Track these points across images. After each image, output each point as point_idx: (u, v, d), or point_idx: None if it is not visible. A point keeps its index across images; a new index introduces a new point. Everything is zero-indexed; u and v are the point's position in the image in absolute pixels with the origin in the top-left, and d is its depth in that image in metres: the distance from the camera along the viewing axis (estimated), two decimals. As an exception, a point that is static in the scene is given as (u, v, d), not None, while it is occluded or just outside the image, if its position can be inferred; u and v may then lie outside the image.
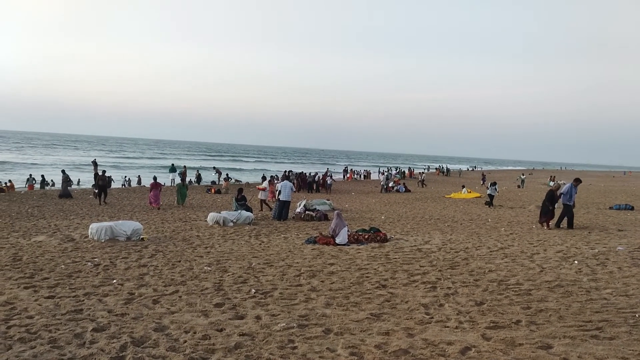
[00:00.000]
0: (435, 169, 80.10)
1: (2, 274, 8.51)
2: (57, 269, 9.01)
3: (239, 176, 50.59)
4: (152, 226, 15.24)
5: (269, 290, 7.73)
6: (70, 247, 11.22)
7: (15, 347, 5.23)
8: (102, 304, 6.88)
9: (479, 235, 13.93)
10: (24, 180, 33.83)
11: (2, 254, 10.23)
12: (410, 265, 9.69)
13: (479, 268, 9.37)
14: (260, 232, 14.50)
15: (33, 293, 7.36)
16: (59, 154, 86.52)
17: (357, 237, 12.78)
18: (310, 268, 9.41)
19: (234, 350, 5.23)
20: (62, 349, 5.18)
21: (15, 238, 12.45)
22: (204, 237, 13.34)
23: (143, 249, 11.25)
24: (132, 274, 8.72)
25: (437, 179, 58.44)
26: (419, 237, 13.43)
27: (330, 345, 5.38)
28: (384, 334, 5.72)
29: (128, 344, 5.34)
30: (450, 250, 11.41)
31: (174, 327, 5.95)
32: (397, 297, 7.37)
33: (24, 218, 16.63)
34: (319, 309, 6.76)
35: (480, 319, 6.29)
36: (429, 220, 18.26)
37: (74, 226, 14.86)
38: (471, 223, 17.32)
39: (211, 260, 10.07)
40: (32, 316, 6.27)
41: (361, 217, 19.20)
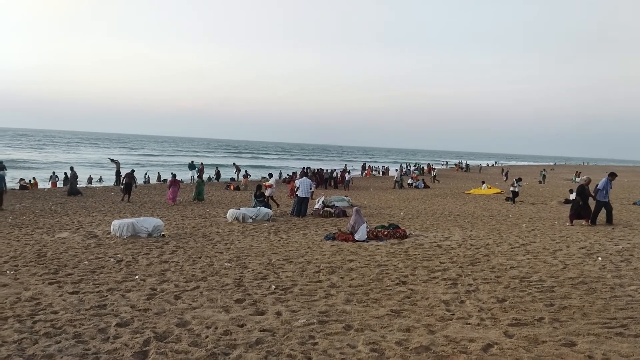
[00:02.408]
0: (455, 165, 79.40)
1: (27, 270, 8.69)
2: (80, 265, 9.17)
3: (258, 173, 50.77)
4: (173, 223, 15.40)
5: (289, 287, 7.76)
6: (93, 244, 11.40)
7: (41, 341, 5.33)
8: (125, 299, 6.98)
9: (500, 232, 13.78)
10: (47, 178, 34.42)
11: (27, 251, 10.44)
12: (430, 261, 9.64)
13: (500, 265, 9.28)
14: (279, 228, 14.55)
15: (57, 289, 7.49)
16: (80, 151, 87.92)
17: (376, 233, 12.75)
18: (330, 264, 9.42)
19: (255, 345, 5.26)
20: (86, 344, 5.27)
21: (39, 234, 12.69)
22: (223, 233, 13.44)
23: (164, 245, 11.38)
24: (154, 270, 8.83)
25: (456, 175, 57.93)
26: (438, 234, 13.34)
27: (350, 341, 5.38)
28: (405, 331, 5.70)
29: (151, 339, 5.41)
30: (471, 246, 11.31)
31: (196, 322, 6.01)
32: (417, 293, 7.34)
33: (47, 215, 16.93)
34: (339, 305, 6.76)
35: (502, 316, 6.23)
36: (449, 216, 18.12)
37: (97, 223, 15.09)
38: (492, 219, 17.15)
39: (231, 257, 10.14)
40: (57, 311, 6.39)
41: (380, 213, 19.14)
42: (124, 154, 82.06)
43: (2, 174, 19.20)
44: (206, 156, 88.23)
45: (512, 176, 41.14)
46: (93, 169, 50.45)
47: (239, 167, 43.01)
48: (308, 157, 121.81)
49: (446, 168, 78.50)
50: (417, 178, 40.37)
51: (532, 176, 52.03)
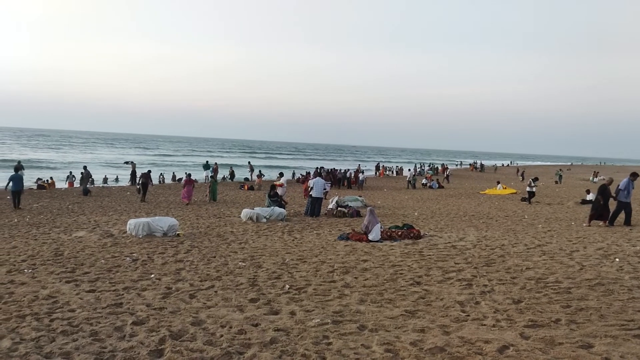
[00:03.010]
0: (469, 165, 78.84)
1: (44, 268, 8.81)
2: (97, 263, 9.28)
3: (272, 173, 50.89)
4: (187, 222, 15.50)
5: (303, 286, 7.77)
6: (109, 243, 11.52)
7: (58, 339, 5.40)
8: (141, 298, 7.05)
9: (516, 232, 13.66)
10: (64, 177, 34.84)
11: (45, 249, 10.58)
12: (445, 262, 9.58)
13: (516, 265, 9.19)
14: (293, 228, 14.57)
15: (74, 287, 7.59)
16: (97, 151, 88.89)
17: (390, 233, 12.71)
18: (344, 264, 9.41)
19: (269, 345, 5.27)
20: (103, 342, 5.33)
21: (56, 233, 12.86)
22: (237, 233, 13.50)
23: (179, 244, 11.46)
24: (169, 269, 8.90)
25: (470, 175, 57.54)
26: (453, 234, 13.27)
27: (365, 341, 5.37)
28: (419, 331, 5.67)
29: (166, 337, 5.45)
30: (486, 247, 11.23)
31: (211, 321, 6.05)
32: (432, 294, 7.30)
33: (64, 214, 17.15)
34: (353, 305, 6.75)
35: (518, 317, 6.17)
36: (463, 216, 18.01)
37: (113, 222, 15.25)
38: (507, 219, 17.01)
39: (245, 256, 10.19)
40: (74, 309, 6.46)
41: (394, 213, 19.09)
42: (139, 154, 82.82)
43: (20, 174, 19.48)
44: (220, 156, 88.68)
45: (528, 176, 40.74)
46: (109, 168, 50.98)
47: (252, 166, 43.16)
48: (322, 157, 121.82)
49: (460, 168, 77.99)
50: (431, 178, 40.16)
51: (548, 176, 51.50)
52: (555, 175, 47.07)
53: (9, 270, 8.62)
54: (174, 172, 42.62)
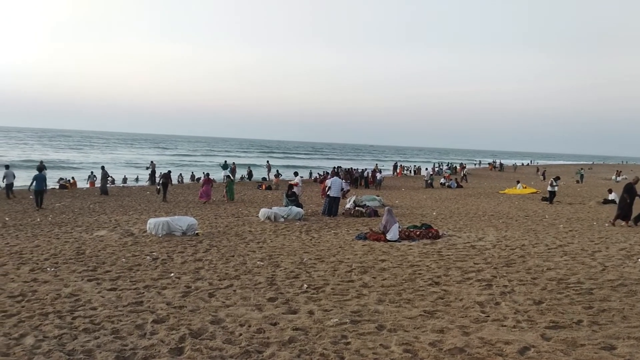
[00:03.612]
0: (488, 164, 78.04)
1: (67, 267, 8.95)
2: (118, 262, 9.40)
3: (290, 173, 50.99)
4: (206, 221, 15.62)
5: (321, 286, 7.77)
6: (130, 242, 11.67)
7: (80, 337, 5.49)
8: (161, 296, 7.12)
9: (536, 232, 13.49)
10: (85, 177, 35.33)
11: (67, 248, 10.75)
12: (464, 262, 9.51)
13: (536, 266, 9.08)
14: (311, 227, 14.59)
15: (96, 285, 7.70)
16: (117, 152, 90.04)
17: (408, 233, 12.65)
18: (362, 264, 9.40)
19: (288, 344, 5.29)
20: (124, 340, 5.40)
21: (78, 233, 13.05)
22: (256, 232, 13.56)
23: (198, 243, 11.55)
24: (189, 268, 8.98)
25: (489, 174, 56.97)
26: (472, 234, 13.15)
27: (383, 341, 5.36)
28: (439, 332, 5.64)
29: (186, 335, 5.50)
30: (506, 247, 11.11)
31: (230, 320, 6.09)
32: (451, 294, 7.25)
33: (86, 213, 17.41)
34: (371, 305, 6.74)
35: (539, 318, 6.10)
36: (483, 216, 17.84)
37: (133, 221, 15.43)
38: (527, 219, 16.81)
39: (263, 255, 10.23)
40: (96, 308, 6.56)
41: (412, 213, 18.99)
42: (158, 154, 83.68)
43: (43, 174, 19.83)
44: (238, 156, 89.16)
45: (549, 175, 40.20)
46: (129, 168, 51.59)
47: (270, 166, 43.29)
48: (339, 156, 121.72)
49: (479, 167, 77.26)
50: (450, 177, 39.85)
51: (569, 175, 50.76)
52: (577, 175, 46.37)
53: (32, 268, 8.78)
54: (192, 172, 42.95)
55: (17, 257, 9.66)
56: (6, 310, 6.36)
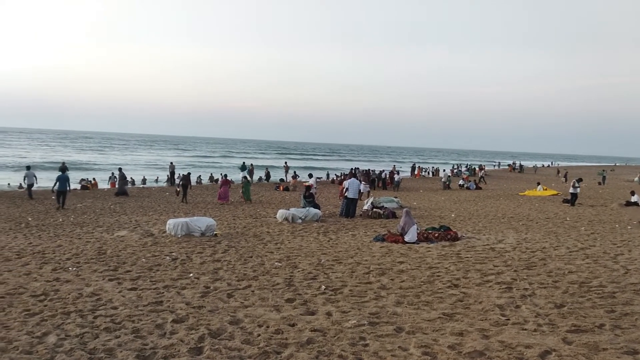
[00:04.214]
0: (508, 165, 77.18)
1: (88, 266, 9.09)
2: (138, 262, 9.51)
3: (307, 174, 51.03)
4: (225, 222, 15.71)
5: (339, 287, 7.77)
6: (149, 242, 11.80)
7: (101, 336, 5.56)
8: (180, 296, 7.19)
9: (557, 235, 13.31)
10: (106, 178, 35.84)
11: (88, 248, 10.91)
12: (483, 264, 9.42)
13: (557, 269, 8.96)
14: (328, 229, 14.58)
15: (117, 285, 7.80)
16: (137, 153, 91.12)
17: (426, 235, 12.57)
18: (380, 266, 9.36)
19: (306, 345, 5.29)
20: (144, 339, 5.46)
21: (99, 233, 13.24)
22: (273, 233, 13.60)
23: (217, 244, 11.63)
24: (207, 268, 9.05)
25: (509, 176, 56.34)
26: (491, 236, 13.02)
27: (402, 344, 5.33)
28: (458, 335, 5.59)
29: (205, 335, 5.55)
30: (526, 249, 10.98)
31: (248, 320, 6.11)
32: (470, 297, 7.19)
33: (107, 214, 17.65)
34: (390, 307, 6.71)
35: (561, 322, 6.02)
36: (502, 218, 17.65)
37: (153, 222, 15.60)
38: (548, 222, 16.58)
39: (281, 256, 10.26)
40: (117, 307, 6.65)
41: (430, 215, 18.87)
42: (177, 156, 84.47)
43: (65, 174, 20.16)
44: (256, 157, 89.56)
45: (571, 177, 39.60)
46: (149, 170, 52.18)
47: (288, 167, 43.40)
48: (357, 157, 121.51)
49: (498, 169, 76.46)
50: (468, 179, 39.50)
51: (590, 177, 49.94)
52: (599, 176, 45.61)
53: (54, 268, 8.93)
54: (211, 173, 43.28)
55: (39, 257, 9.84)
56: (29, 309, 6.48)
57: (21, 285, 7.69)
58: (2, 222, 15.03)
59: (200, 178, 38.41)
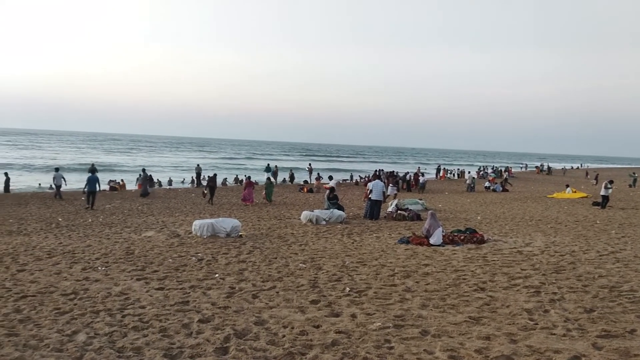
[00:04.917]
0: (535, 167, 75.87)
1: (117, 266, 9.25)
2: (165, 262, 9.65)
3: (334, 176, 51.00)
4: (249, 223, 15.82)
5: (363, 289, 7.74)
6: (176, 242, 11.95)
7: (129, 334, 5.66)
8: (206, 296, 7.27)
9: (587, 238, 13.02)
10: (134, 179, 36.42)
11: (117, 248, 11.11)
12: (511, 268, 9.27)
13: (587, 273, 8.77)
14: (352, 231, 14.55)
15: (145, 284, 7.92)
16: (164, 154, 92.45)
17: (452, 237, 12.44)
18: (404, 268, 9.30)
19: (331, 347, 5.29)
20: (171, 338, 5.54)
21: (127, 233, 13.47)
22: (298, 234, 13.64)
23: (241, 245, 11.72)
24: (233, 269, 9.12)
25: (537, 178, 55.37)
26: (519, 239, 12.82)
27: (427, 347, 5.29)
28: (485, 339, 5.52)
29: (231, 335, 5.59)
30: (555, 253, 10.77)
31: (273, 321, 6.14)
32: (497, 300, 7.09)
33: (134, 215, 17.95)
34: (415, 309, 6.66)
35: (591, 327, 5.89)
36: (530, 221, 17.35)
37: (179, 223, 15.80)
38: (577, 225, 16.24)
39: (306, 258, 10.28)
40: (144, 306, 6.75)
41: (455, 217, 18.67)
42: (202, 158, 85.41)
43: (95, 175, 20.58)
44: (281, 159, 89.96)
45: (601, 179, 38.71)
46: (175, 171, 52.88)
47: (312, 169, 43.48)
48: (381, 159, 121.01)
49: (526, 171, 75.22)
50: (494, 181, 38.95)
51: (621, 179, 48.76)
52: (629, 178, 44.46)
53: (83, 267, 9.11)
54: (236, 175, 43.63)
55: (69, 257, 10.06)
56: (59, 308, 6.62)
57: (52, 284, 7.88)
58: (34, 222, 15.42)
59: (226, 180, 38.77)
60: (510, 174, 55.66)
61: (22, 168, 48.74)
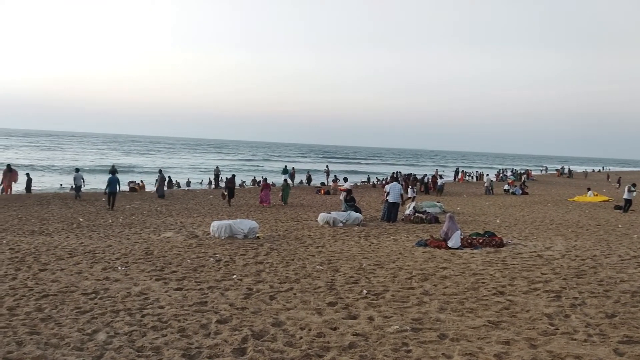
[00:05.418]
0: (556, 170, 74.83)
1: (136, 266, 9.36)
2: (183, 263, 9.73)
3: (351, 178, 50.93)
4: (267, 225, 15.88)
5: (381, 292, 7.72)
6: (194, 243, 12.05)
7: (149, 334, 5.72)
8: (224, 297, 7.31)
9: (608, 242, 12.81)
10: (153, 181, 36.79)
11: (136, 248, 11.24)
12: (531, 272, 9.16)
13: (609, 277, 8.63)
14: (370, 233, 14.52)
15: (163, 285, 8.00)
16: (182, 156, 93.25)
17: (470, 241, 12.34)
18: (422, 271, 9.25)
19: (348, 349, 5.29)
20: (190, 338, 5.58)
21: (147, 234, 13.62)
22: (315, 236, 13.64)
23: (259, 246, 11.77)
24: (250, 270, 9.16)
25: (557, 181, 54.62)
26: (539, 243, 12.66)
27: (445, 351, 5.25)
28: (504, 343, 5.46)
29: (249, 336, 5.62)
30: (576, 257, 10.61)
31: (290, 323, 6.16)
32: (516, 305, 7.01)
33: (154, 215, 18.13)
34: (433, 313, 6.62)
35: (612, 332, 5.79)
36: (550, 224, 17.13)
37: (197, 224, 15.92)
38: (599, 229, 15.98)
39: (323, 260, 10.28)
40: (163, 306, 6.82)
41: (474, 220, 18.50)
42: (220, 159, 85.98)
43: (116, 176, 20.84)
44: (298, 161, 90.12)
45: (624, 182, 38.01)
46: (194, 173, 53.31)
47: (329, 171, 43.46)
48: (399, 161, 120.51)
49: (546, 174, 74.25)
50: (514, 184, 38.50)
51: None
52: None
53: (104, 267, 9.23)
54: (254, 177, 43.81)
55: (90, 257, 10.20)
56: (80, 307, 6.72)
57: (73, 283, 8.00)
58: (56, 222, 15.67)
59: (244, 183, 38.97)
60: (530, 176, 55.00)
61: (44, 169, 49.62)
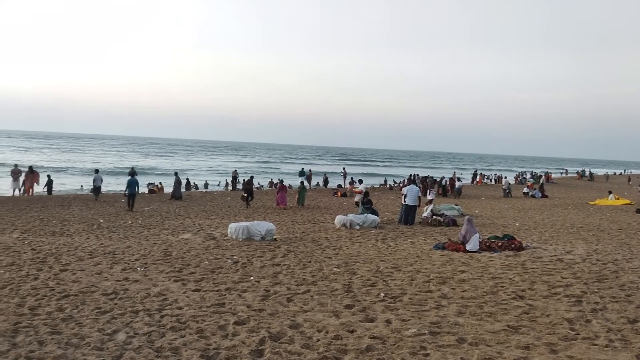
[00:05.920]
0: (576, 173, 73.75)
1: (155, 267, 9.46)
2: (201, 264, 9.80)
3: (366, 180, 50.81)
4: (284, 227, 15.92)
5: (398, 295, 7.68)
6: (212, 245, 12.13)
7: (167, 335, 5.78)
8: (241, 299, 7.35)
9: (630, 246, 12.58)
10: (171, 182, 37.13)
11: (155, 250, 11.35)
12: (551, 276, 9.03)
13: (631, 282, 8.47)
14: (387, 236, 14.46)
15: (182, 286, 8.07)
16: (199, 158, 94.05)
17: (489, 244, 12.21)
18: (440, 274, 9.18)
19: (365, 352, 5.27)
20: (208, 339, 5.62)
21: (165, 235, 13.75)
22: (332, 239, 13.64)
23: (276, 248, 11.80)
24: (267, 272, 9.20)
25: (577, 184, 53.82)
26: (559, 247, 12.48)
27: (464, 355, 5.20)
28: (524, 348, 5.39)
29: (266, 338, 5.64)
30: (597, 261, 10.44)
31: (307, 325, 6.16)
32: (536, 309, 6.92)
33: (172, 217, 18.30)
34: (451, 317, 6.57)
35: (634, 338, 5.69)
36: (571, 228, 16.88)
37: (215, 225, 16.03)
38: (620, 232, 15.70)
39: (340, 262, 10.27)
40: (182, 307, 6.88)
41: (492, 223, 18.32)
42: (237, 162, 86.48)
43: (135, 178, 21.10)
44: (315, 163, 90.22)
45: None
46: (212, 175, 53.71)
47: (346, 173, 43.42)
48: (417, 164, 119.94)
49: (566, 176, 73.23)
50: (533, 187, 38.03)
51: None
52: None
53: (123, 268, 9.35)
54: (271, 179, 43.98)
55: (110, 257, 10.33)
56: (100, 307, 6.81)
57: (93, 284, 8.11)
58: (76, 223, 15.90)
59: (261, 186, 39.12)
60: (550, 179, 54.28)
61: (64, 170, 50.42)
